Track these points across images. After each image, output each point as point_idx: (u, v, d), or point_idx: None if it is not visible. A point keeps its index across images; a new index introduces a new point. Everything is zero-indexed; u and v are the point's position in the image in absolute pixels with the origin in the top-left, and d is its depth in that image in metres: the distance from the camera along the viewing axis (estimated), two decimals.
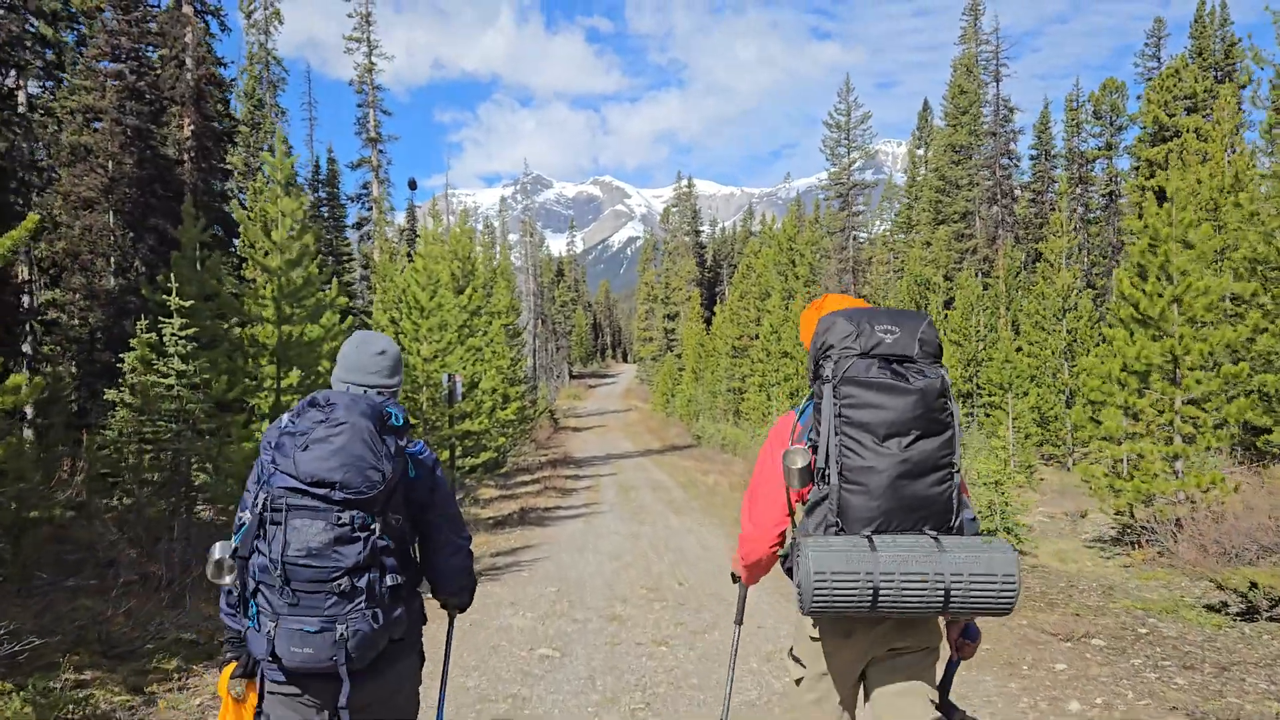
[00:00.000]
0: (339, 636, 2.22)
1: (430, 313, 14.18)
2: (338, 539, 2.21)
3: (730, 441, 34.53)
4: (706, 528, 13.97)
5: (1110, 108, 44.82)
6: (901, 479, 2.34)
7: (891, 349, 2.42)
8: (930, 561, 2.27)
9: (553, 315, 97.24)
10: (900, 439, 2.34)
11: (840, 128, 48.96)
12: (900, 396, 2.35)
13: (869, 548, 2.29)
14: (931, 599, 2.28)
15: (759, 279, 45.75)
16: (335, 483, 2.20)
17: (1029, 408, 25.97)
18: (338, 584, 2.21)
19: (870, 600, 2.28)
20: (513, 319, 31.47)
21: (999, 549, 2.32)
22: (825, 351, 2.49)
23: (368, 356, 2.66)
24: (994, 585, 2.26)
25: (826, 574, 2.27)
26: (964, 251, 40.83)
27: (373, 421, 2.32)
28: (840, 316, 2.51)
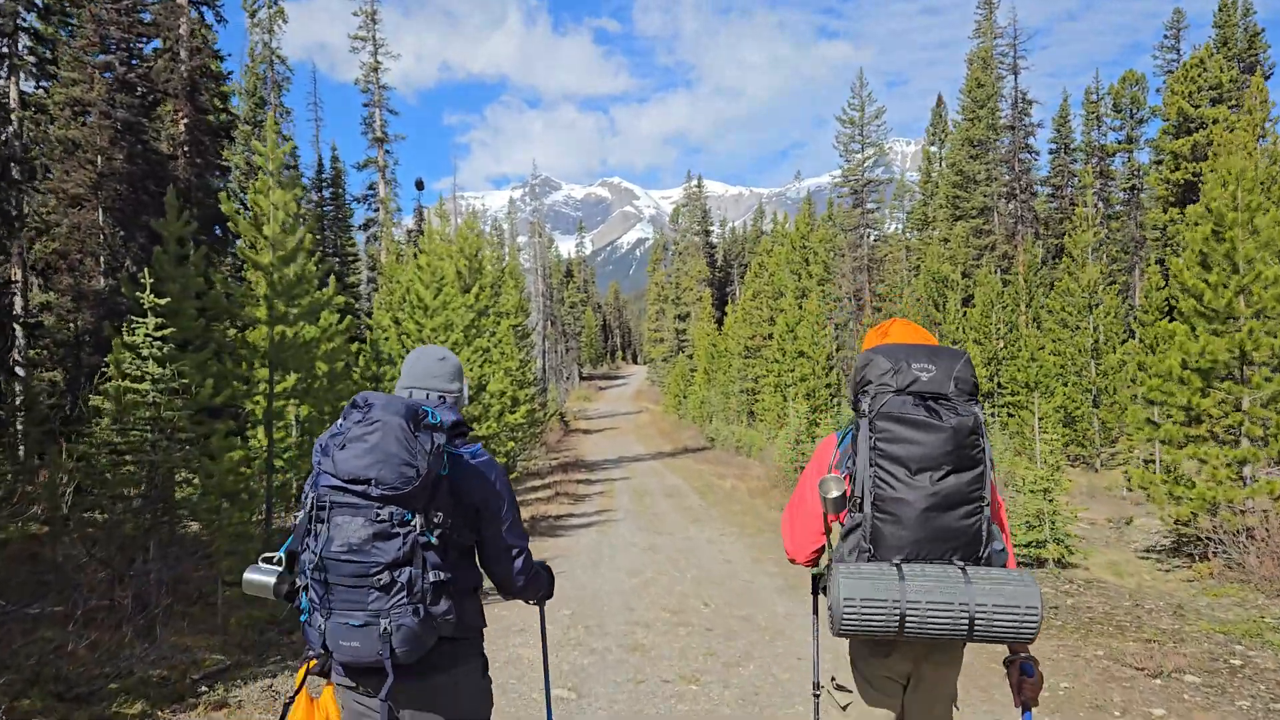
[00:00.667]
0: (383, 631, 2.26)
1: (435, 312, 13.40)
2: (376, 534, 2.25)
3: (745, 443, 33.73)
4: (728, 538, 13.18)
5: (1130, 100, 43.87)
6: (931, 511, 2.44)
7: (926, 386, 2.51)
8: (956, 591, 2.35)
9: (562, 316, 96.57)
10: (932, 473, 2.44)
11: (853, 123, 48.07)
12: (933, 433, 2.45)
13: (898, 576, 2.39)
14: (956, 626, 2.36)
15: (771, 278, 44.93)
16: (370, 479, 2.25)
17: (1055, 407, 25.09)
18: (377, 578, 2.25)
19: (897, 625, 2.37)
20: (521, 320, 30.73)
21: (1022, 581, 2.40)
22: (864, 387, 2.59)
23: (430, 362, 2.83)
24: (1016, 615, 2.35)
25: (856, 600, 2.37)
26: (982, 248, 39.92)
27: (406, 419, 2.33)
28: (879, 354, 2.61)
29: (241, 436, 10.77)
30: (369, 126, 47.67)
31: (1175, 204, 35.07)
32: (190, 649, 6.68)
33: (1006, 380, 29.92)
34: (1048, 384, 25.36)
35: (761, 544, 12.43)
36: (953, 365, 2.56)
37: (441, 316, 13.44)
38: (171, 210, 9.32)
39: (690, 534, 13.75)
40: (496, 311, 24.62)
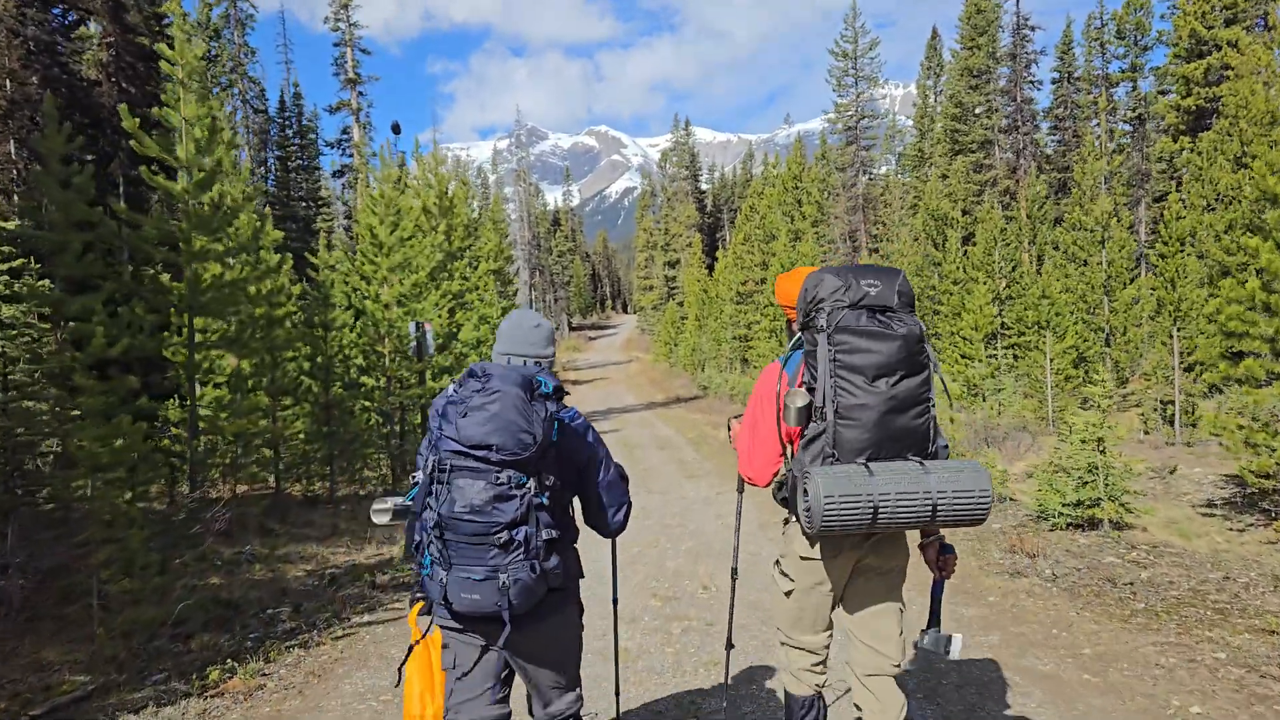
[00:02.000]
0: (501, 584, 2.45)
1: (391, 250, 11.82)
2: (496, 497, 2.43)
3: (739, 391, 32.38)
4: (726, 496, 11.78)
5: (1135, 26, 41.89)
6: (889, 414, 2.65)
7: (875, 300, 2.71)
8: (919, 482, 2.60)
9: (550, 266, 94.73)
10: (887, 379, 2.65)
11: (847, 56, 46.03)
12: (887, 342, 2.66)
13: (867, 473, 2.61)
14: (921, 513, 2.60)
15: (763, 221, 43.19)
16: (492, 445, 2.42)
17: (1067, 347, 23.69)
18: (497, 537, 2.44)
19: (871, 517, 2.58)
20: (502, 265, 29.07)
21: (973, 469, 2.66)
22: (817, 304, 2.75)
23: (525, 330, 2.97)
24: (972, 498, 2.61)
25: (835, 496, 2.55)
26: (983, 183, 38.25)
27: (524, 389, 2.53)
28: (828, 273, 2.77)
29: (155, 395, 9.25)
30: (340, 67, 45.43)
31: (1186, 132, 33.39)
32: (49, 666, 5.23)
33: (1013, 320, 28.48)
34: (1060, 323, 23.92)
35: (764, 502, 11.02)
36: (894, 280, 2.76)
37: (399, 254, 11.85)
38: (50, 122, 7.68)
39: (685, 492, 12.36)
40: (473, 255, 22.99)
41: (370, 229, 11.95)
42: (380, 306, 11.73)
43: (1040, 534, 8.45)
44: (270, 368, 10.37)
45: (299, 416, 11.27)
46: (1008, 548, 7.76)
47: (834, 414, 2.65)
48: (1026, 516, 9.24)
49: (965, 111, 38.39)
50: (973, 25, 38.20)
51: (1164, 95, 40.54)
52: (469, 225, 22.86)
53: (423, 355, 12.15)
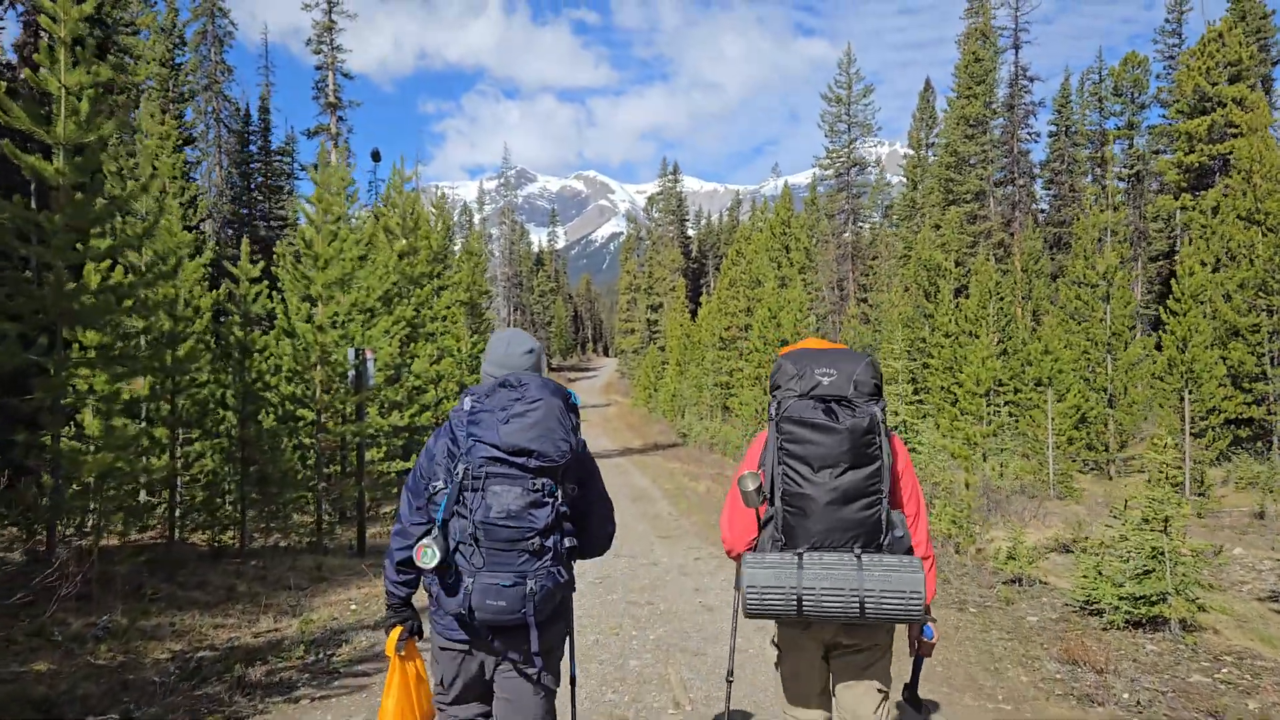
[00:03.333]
0: (528, 591, 2.46)
1: (329, 263, 10.20)
2: (532, 503, 2.48)
3: (720, 440, 30.86)
4: (704, 564, 10.14)
5: (1133, 83, 41.29)
6: (833, 504, 2.64)
7: (828, 390, 2.69)
8: (848, 578, 2.58)
9: (531, 305, 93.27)
10: (831, 470, 2.64)
11: (840, 101, 45.23)
12: (830, 435, 2.64)
13: (796, 565, 2.62)
14: (849, 608, 2.59)
15: (749, 266, 41.93)
16: (533, 451, 2.49)
17: (1070, 407, 22.28)
18: (530, 543, 2.47)
19: (796, 607, 2.61)
20: (475, 296, 27.50)
21: (908, 567, 2.60)
22: (773, 391, 2.82)
23: (516, 355, 2.85)
24: (902, 598, 2.57)
25: (757, 586, 2.62)
26: (977, 235, 37.15)
27: (561, 400, 2.62)
28: (787, 360, 2.82)
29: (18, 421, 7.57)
30: (320, 90, 44.13)
31: (1187, 189, 32.44)
32: None
33: (1009, 377, 27.07)
34: (1062, 380, 22.52)
35: None
36: (853, 369, 2.72)
37: (337, 269, 10.22)
38: None
39: (657, 556, 10.70)
40: (441, 283, 21.42)
41: (305, 239, 10.34)
42: (313, 328, 10.09)
43: (1091, 633, 6.86)
44: (170, 393, 8.72)
45: (206, 452, 9.59)
46: (1062, 655, 6.16)
47: (781, 500, 2.69)
48: (1067, 608, 7.66)
49: (960, 160, 37.41)
50: (970, 74, 37.37)
51: (1158, 155, 39.85)
52: (438, 252, 21.31)
53: (361, 386, 10.51)
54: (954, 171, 37.64)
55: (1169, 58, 42.26)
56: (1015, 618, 7.46)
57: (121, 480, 7.51)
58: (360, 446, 10.70)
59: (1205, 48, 31.59)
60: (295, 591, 8.38)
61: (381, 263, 13.15)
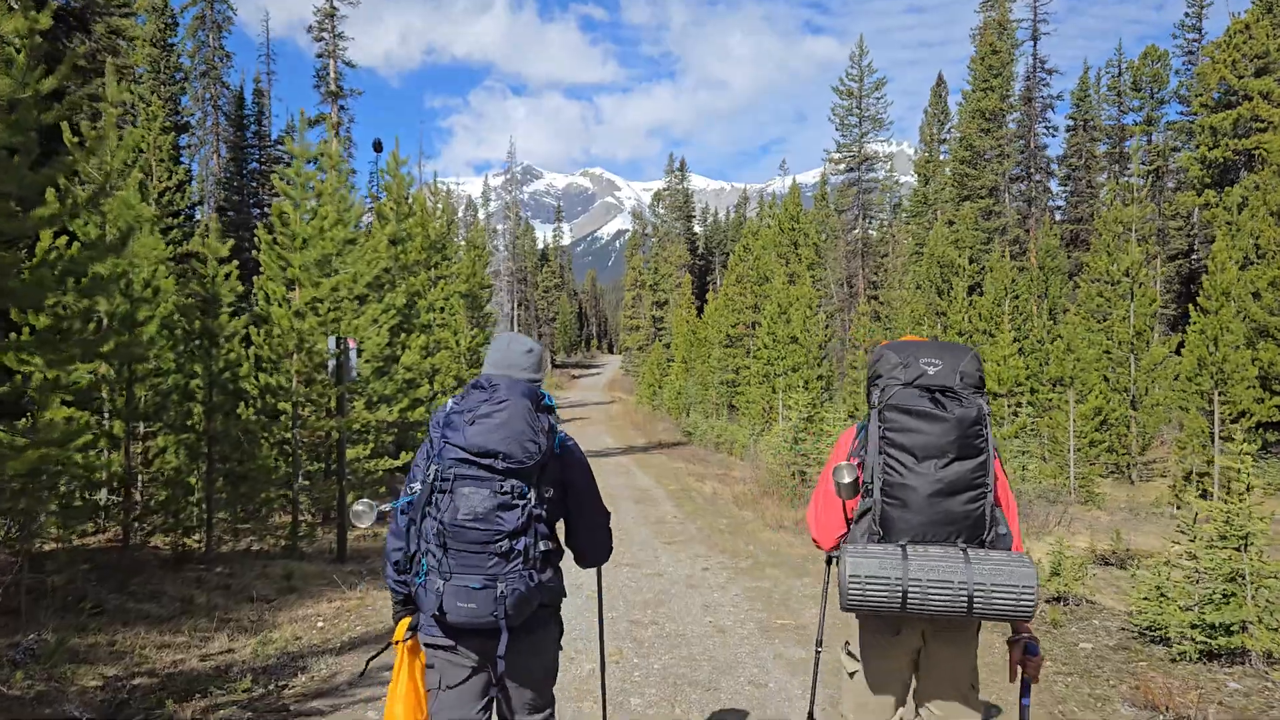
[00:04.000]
0: (499, 594, 2.45)
1: (308, 241, 9.34)
2: (500, 505, 2.47)
3: (726, 439, 29.96)
4: (714, 574, 9.28)
5: (1152, 78, 40.31)
6: (936, 496, 2.56)
7: (933, 380, 2.63)
8: (956, 571, 2.48)
9: (535, 300, 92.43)
10: (936, 460, 2.57)
11: (851, 94, 44.30)
12: (937, 423, 2.58)
13: (901, 556, 2.52)
14: (955, 604, 2.47)
15: (757, 262, 41.02)
16: (499, 453, 2.48)
17: (1092, 409, 21.37)
18: (498, 545, 2.45)
19: (900, 602, 2.50)
20: (475, 288, 26.66)
21: (1019, 563, 2.50)
22: (875, 380, 2.76)
23: (516, 354, 2.86)
24: (1014, 593, 2.46)
25: (861, 577, 2.51)
26: (992, 231, 36.21)
27: (531, 400, 2.61)
28: (890, 349, 2.75)
29: None
30: (321, 79, 43.24)
31: (1211, 185, 31.48)
32: None
33: (1025, 376, 26.14)
34: (1085, 380, 21.60)
35: (765, 589, 8.53)
36: (959, 360, 2.67)
37: (316, 248, 9.36)
38: None
39: (661, 565, 9.85)
40: (439, 273, 20.57)
41: (281, 215, 9.47)
42: (287, 314, 9.24)
43: (1157, 665, 6.00)
44: (126, 382, 7.89)
45: (169, 448, 8.75)
46: (1135, 696, 5.29)
47: (880, 492, 2.63)
48: (1125, 633, 6.79)
49: (975, 155, 36.46)
50: (987, 66, 36.41)
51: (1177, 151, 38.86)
52: (435, 241, 20.46)
53: (343, 378, 9.66)
54: (969, 166, 36.71)
55: (1189, 53, 41.30)
56: (1068, 645, 6.60)
57: (54, 478, 6.66)
58: (341, 443, 9.86)
59: (1231, 39, 30.60)
60: (260, 604, 7.54)
61: (370, 247, 12.31)
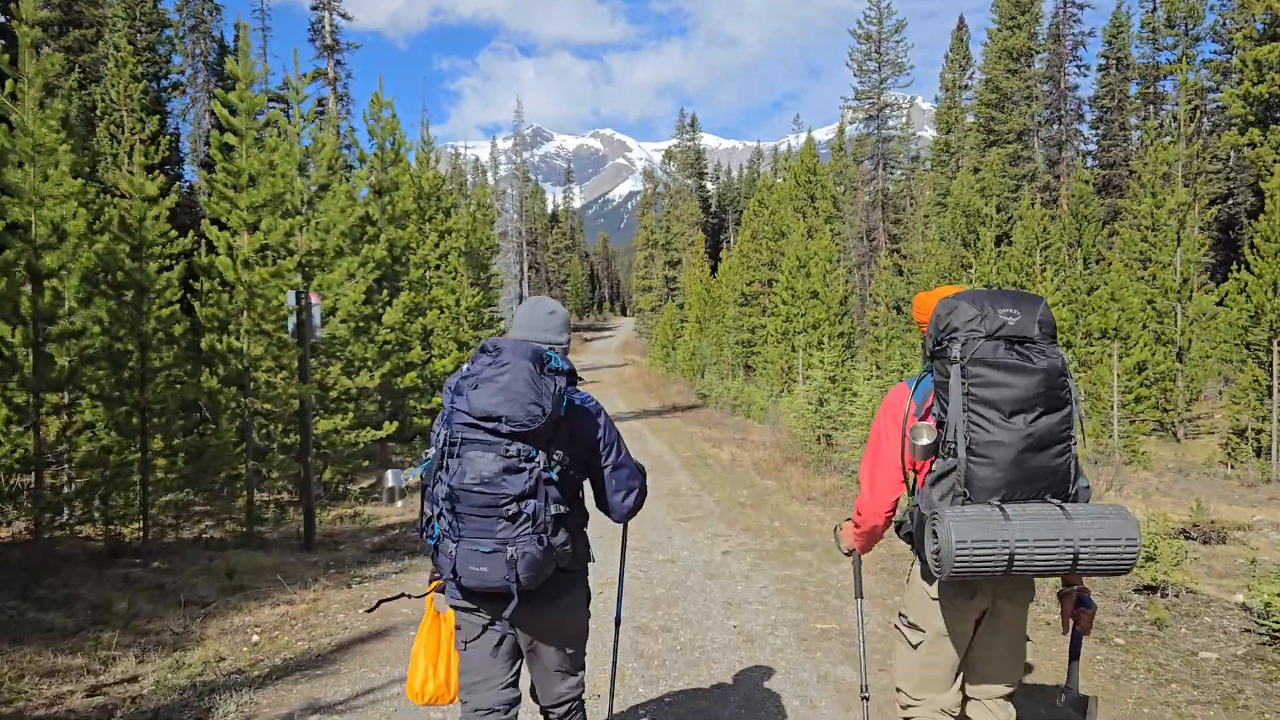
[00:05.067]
0: (509, 558, 2.44)
1: (257, 178, 7.91)
2: (505, 469, 2.43)
3: (743, 401, 28.63)
4: (736, 559, 7.98)
5: (1188, 13, 38.14)
6: (1026, 452, 2.45)
7: (1014, 330, 2.52)
8: (1059, 528, 2.38)
9: (546, 263, 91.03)
10: (1025, 415, 2.45)
11: (870, 39, 42.31)
12: (1026, 376, 2.46)
13: (1003, 516, 2.40)
14: (1062, 561, 2.39)
15: (772, 217, 39.41)
16: (501, 416, 2.45)
17: (1136, 363, 19.88)
18: (506, 509, 2.43)
19: (1006, 564, 2.38)
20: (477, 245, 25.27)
21: (1119, 514, 2.45)
22: (950, 333, 2.58)
23: (540, 316, 2.95)
24: (1119, 547, 2.39)
25: (968, 542, 2.35)
26: (1020, 178, 34.42)
27: (533, 362, 2.56)
28: (963, 300, 2.60)
29: None
30: (317, 33, 41.67)
31: (1256, 124, 29.60)
32: None
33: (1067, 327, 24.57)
34: (1130, 331, 20.06)
35: (798, 580, 7.22)
36: (1035, 308, 2.57)
37: (266, 186, 7.95)
38: None
39: (676, 548, 8.55)
40: (437, 228, 19.18)
41: (223, 147, 8.03)
42: (234, 264, 7.87)
43: None
44: (31, 344, 6.58)
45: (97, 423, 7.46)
46: None
47: (966, 451, 2.50)
48: (1254, 638, 5.44)
49: (1003, 98, 34.58)
50: (1014, 2, 34.41)
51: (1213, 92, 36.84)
52: (429, 192, 19.04)
53: (304, 338, 8.33)
54: (995, 110, 34.84)
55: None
56: (1184, 654, 5.26)
57: None
58: (304, 411, 8.53)
59: None
60: (191, 609, 6.27)
61: (344, 193, 10.92)
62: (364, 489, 12.40)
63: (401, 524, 10.02)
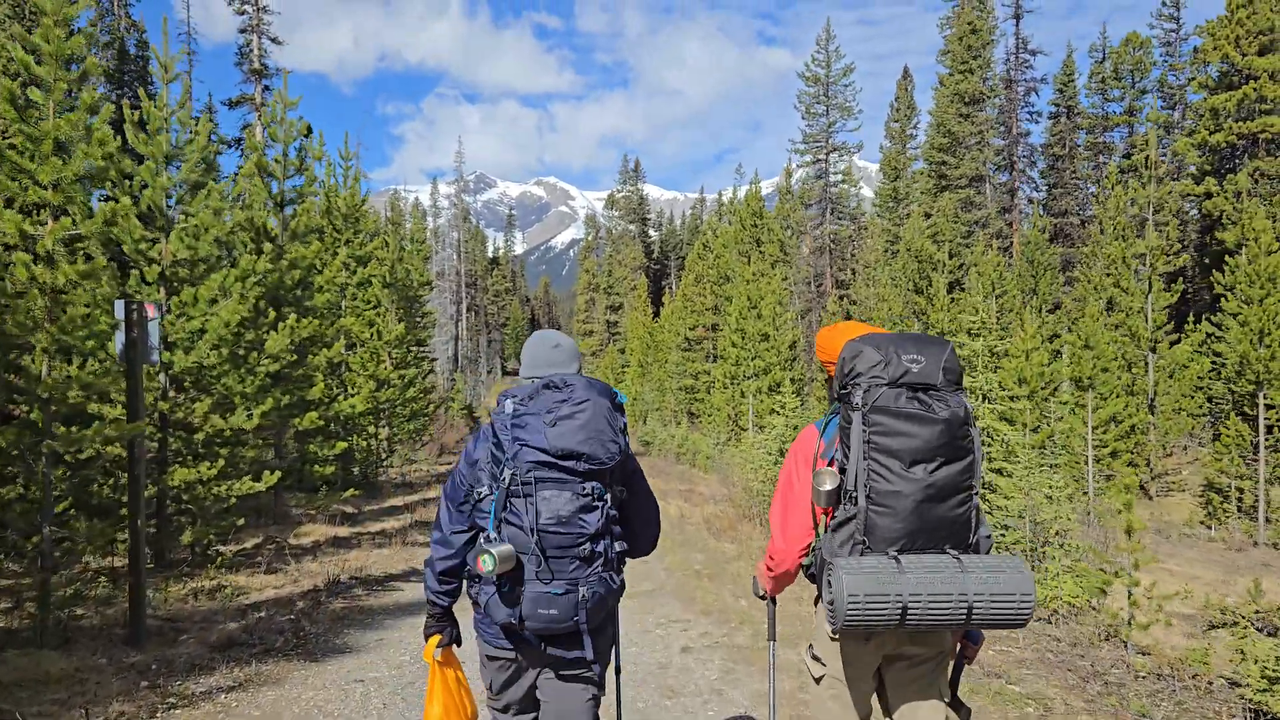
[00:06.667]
0: (580, 598, 2.37)
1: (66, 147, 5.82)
2: (582, 508, 2.38)
3: (688, 450, 26.89)
4: (702, 662, 6.10)
5: (1134, 66, 38.09)
6: (926, 503, 2.42)
7: (917, 378, 2.47)
8: (954, 582, 2.35)
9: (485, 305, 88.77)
10: (925, 465, 2.42)
11: (818, 81, 41.55)
12: (927, 426, 2.42)
13: (897, 568, 2.36)
14: (955, 615, 2.35)
15: (717, 260, 38.07)
16: (582, 454, 2.38)
17: (1114, 413, 18.55)
18: (581, 549, 2.36)
19: (899, 618, 2.35)
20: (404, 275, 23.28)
21: (1014, 568, 2.40)
22: (854, 379, 2.53)
23: (545, 350, 2.80)
24: (1012, 602, 2.36)
25: (860, 595, 2.32)
26: (972, 223, 33.55)
27: (608, 399, 2.51)
28: (867, 345, 2.54)
29: None
30: (244, 57, 39.61)
31: (1212, 173, 29.08)
32: None
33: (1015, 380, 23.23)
34: (1106, 381, 18.73)
35: (790, 693, 5.36)
36: (940, 354, 2.51)
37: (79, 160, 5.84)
38: None
39: (622, 641, 6.60)
40: (354, 253, 17.15)
41: (14, 99, 5.95)
42: (28, 260, 5.79)
43: None
44: None
45: None
46: None
47: (866, 499, 2.46)
48: None
49: (954, 142, 33.79)
50: (966, 46, 33.79)
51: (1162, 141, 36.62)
52: (348, 214, 17.05)
53: (136, 361, 6.31)
54: (947, 154, 34.02)
55: (1166, 44, 39.21)
56: None
57: None
58: (134, 460, 6.45)
59: (1234, 15, 28.26)
60: None
61: (218, 192, 8.93)
62: (239, 553, 10.23)
63: (272, 602, 7.92)
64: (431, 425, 26.37)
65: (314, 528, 12.54)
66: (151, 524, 9.24)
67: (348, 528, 12.78)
